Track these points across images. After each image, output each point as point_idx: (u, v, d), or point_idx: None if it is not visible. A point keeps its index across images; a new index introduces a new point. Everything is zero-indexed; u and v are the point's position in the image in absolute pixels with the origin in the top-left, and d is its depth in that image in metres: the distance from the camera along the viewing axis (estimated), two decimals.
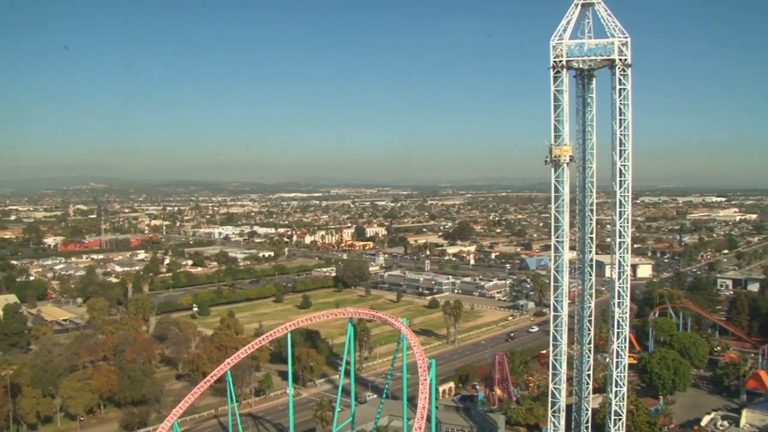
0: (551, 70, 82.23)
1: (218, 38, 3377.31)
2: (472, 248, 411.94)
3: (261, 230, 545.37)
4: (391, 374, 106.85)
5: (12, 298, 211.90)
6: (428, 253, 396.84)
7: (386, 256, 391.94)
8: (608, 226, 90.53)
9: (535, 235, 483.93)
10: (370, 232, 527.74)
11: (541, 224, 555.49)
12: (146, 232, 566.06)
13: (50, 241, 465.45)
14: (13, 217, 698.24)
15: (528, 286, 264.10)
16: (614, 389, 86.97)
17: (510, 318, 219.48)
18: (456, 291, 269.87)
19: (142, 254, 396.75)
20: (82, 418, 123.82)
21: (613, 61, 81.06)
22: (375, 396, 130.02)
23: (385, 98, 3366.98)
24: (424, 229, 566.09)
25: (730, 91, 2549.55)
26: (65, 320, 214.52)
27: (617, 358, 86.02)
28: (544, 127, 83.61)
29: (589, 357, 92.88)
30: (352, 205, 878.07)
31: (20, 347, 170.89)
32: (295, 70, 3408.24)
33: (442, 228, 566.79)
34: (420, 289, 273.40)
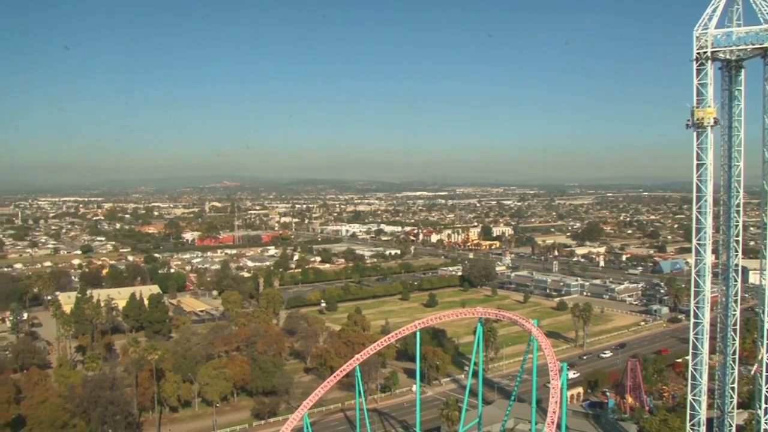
0: (694, 62, 77.33)
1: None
2: (602, 249, 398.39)
3: (387, 228, 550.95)
4: (520, 376, 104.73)
5: (155, 289, 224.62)
6: (556, 253, 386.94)
7: (513, 256, 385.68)
8: (751, 228, 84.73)
9: (669, 237, 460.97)
10: (496, 231, 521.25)
11: (675, 225, 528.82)
12: (276, 228, 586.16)
13: (188, 236, 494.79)
14: (156, 214, 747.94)
15: (662, 290, 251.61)
16: (764, 406, 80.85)
17: (642, 323, 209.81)
18: (585, 293, 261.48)
19: (272, 250, 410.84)
20: (217, 405, 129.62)
21: (767, 49, 75.29)
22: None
23: (512, 96, 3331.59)
24: (552, 229, 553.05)
25: None
26: (202, 311, 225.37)
27: (767, 371, 79.97)
28: (683, 124, 79.47)
29: (733, 368, 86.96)
30: (478, 204, 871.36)
31: (162, 335, 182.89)
32: (422, 68, 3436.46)
33: (570, 228, 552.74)
34: (547, 291, 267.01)
